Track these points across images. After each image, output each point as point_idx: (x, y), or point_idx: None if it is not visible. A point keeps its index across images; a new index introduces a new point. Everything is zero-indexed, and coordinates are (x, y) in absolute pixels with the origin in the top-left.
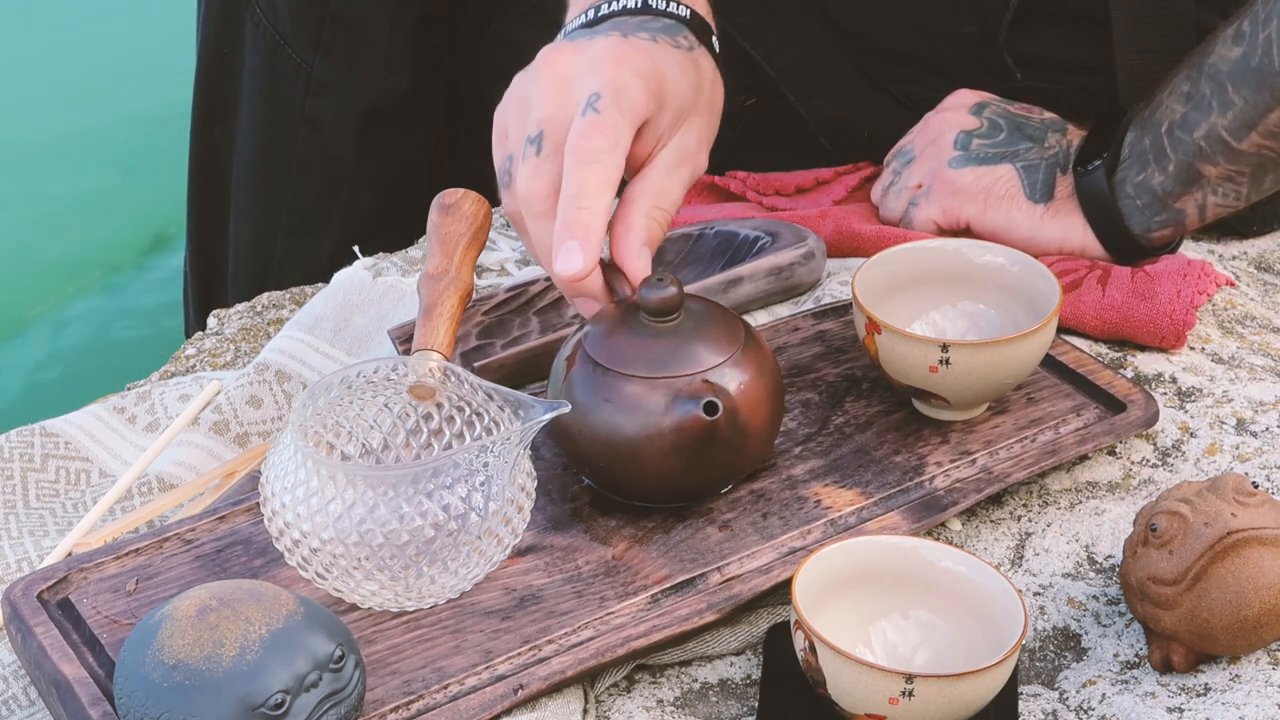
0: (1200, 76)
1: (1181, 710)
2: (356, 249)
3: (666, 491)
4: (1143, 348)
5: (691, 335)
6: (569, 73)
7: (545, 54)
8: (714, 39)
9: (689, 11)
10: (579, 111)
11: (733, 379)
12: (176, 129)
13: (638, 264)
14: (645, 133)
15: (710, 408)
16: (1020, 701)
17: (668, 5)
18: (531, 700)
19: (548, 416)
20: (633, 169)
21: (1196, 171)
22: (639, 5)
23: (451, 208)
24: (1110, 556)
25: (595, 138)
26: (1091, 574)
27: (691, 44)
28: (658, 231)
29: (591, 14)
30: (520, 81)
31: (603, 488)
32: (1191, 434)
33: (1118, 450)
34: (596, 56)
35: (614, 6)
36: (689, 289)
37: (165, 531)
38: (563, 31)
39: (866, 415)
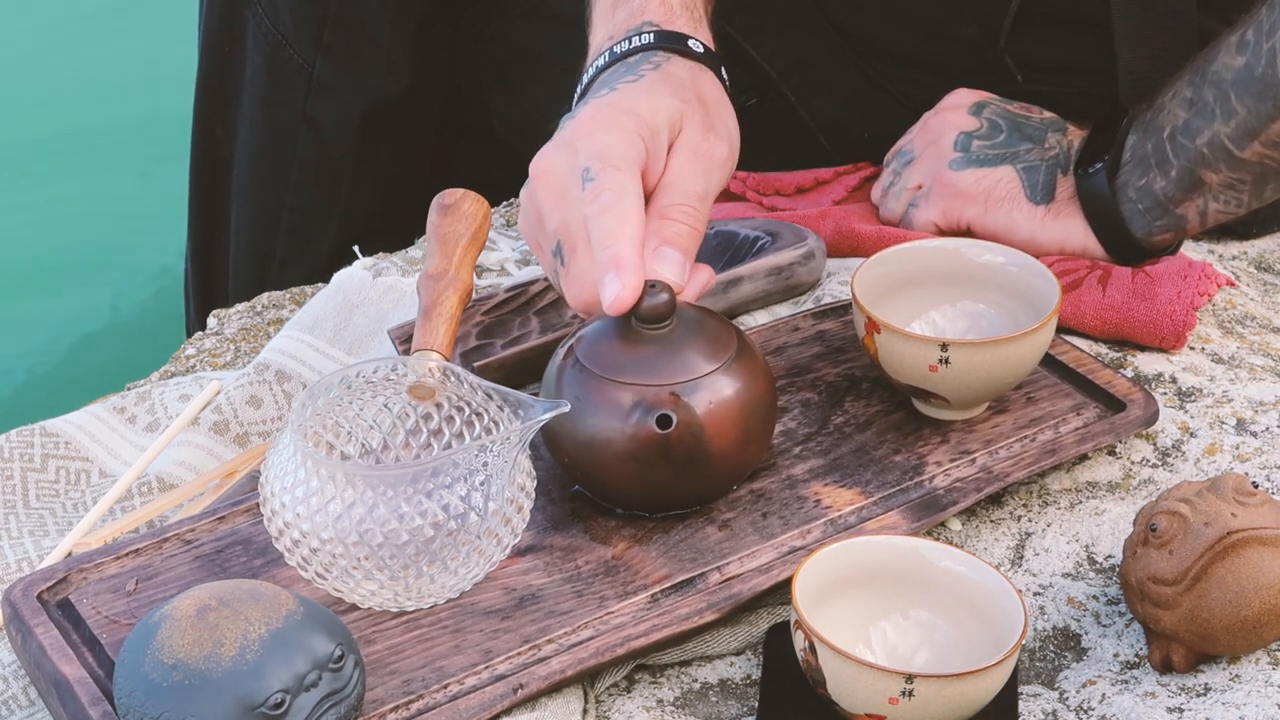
0: (1203, 83)
1: (1181, 710)
2: (356, 249)
3: (628, 499)
4: (1143, 347)
5: (678, 345)
6: (559, 173)
7: (534, 166)
8: (689, 40)
9: (653, 33)
10: (579, 191)
11: (706, 395)
12: (176, 130)
13: (653, 265)
14: (648, 166)
15: (664, 421)
16: (1020, 701)
17: (630, 41)
18: (531, 700)
19: (547, 416)
20: (651, 189)
21: (1198, 178)
22: (607, 60)
23: (451, 208)
24: (1110, 556)
25: (601, 196)
26: (1091, 574)
27: (658, 62)
28: (678, 229)
29: (577, 94)
30: (526, 199)
31: (582, 488)
32: (1191, 434)
33: (1118, 450)
34: (572, 140)
35: (589, 74)
36: None
37: (165, 531)
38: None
39: (866, 415)
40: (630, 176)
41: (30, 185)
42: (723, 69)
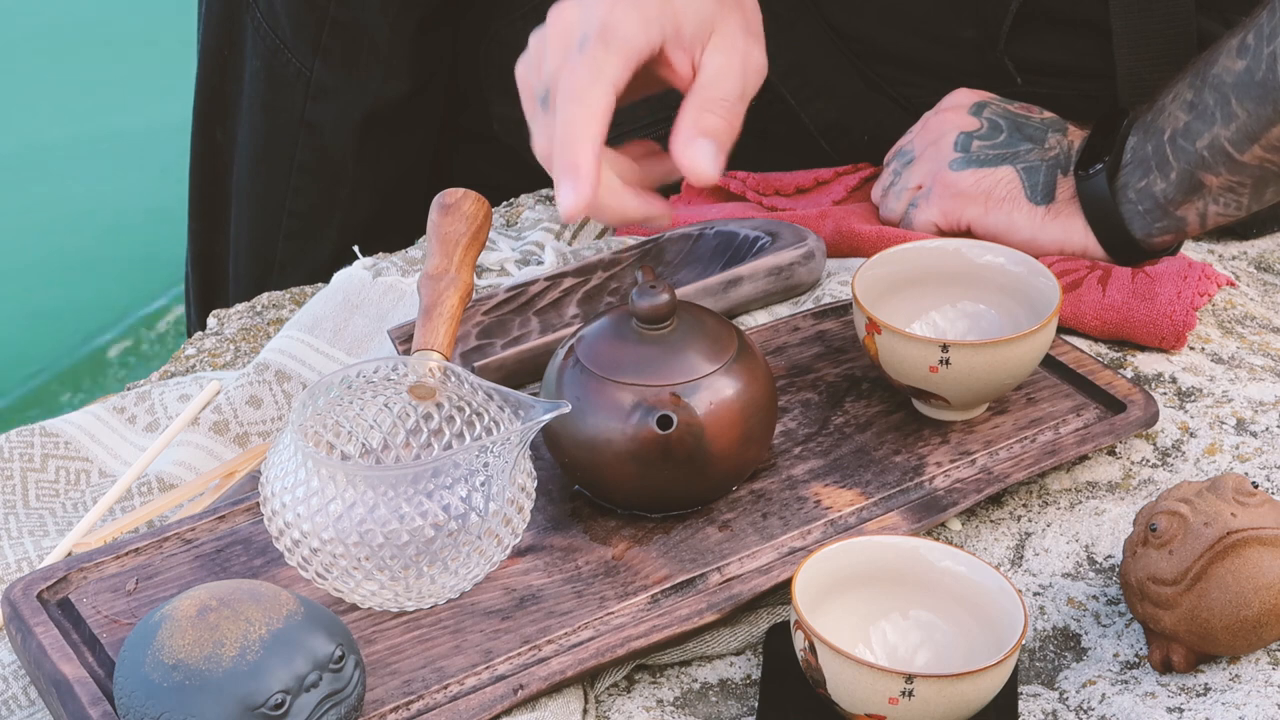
0: (1204, 86)
1: (1181, 710)
2: (356, 249)
3: (628, 499)
4: (1143, 348)
5: (678, 345)
6: (569, 22)
7: (553, 10)
8: None
9: None
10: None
11: (707, 395)
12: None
13: (688, 154)
14: (673, 54)
15: (664, 422)
16: (1020, 701)
17: None
18: (531, 700)
19: (548, 417)
20: (686, 88)
21: (1198, 180)
22: None
23: (451, 207)
24: (1110, 556)
25: (577, 73)
26: (1091, 574)
27: None
28: (716, 122)
29: None
30: (535, 38)
31: (582, 488)
32: (1191, 434)
33: (1118, 450)
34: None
35: None
36: (688, 289)
37: (165, 531)
38: None
39: (866, 415)
40: (618, 61)
41: (31, 185)
42: None
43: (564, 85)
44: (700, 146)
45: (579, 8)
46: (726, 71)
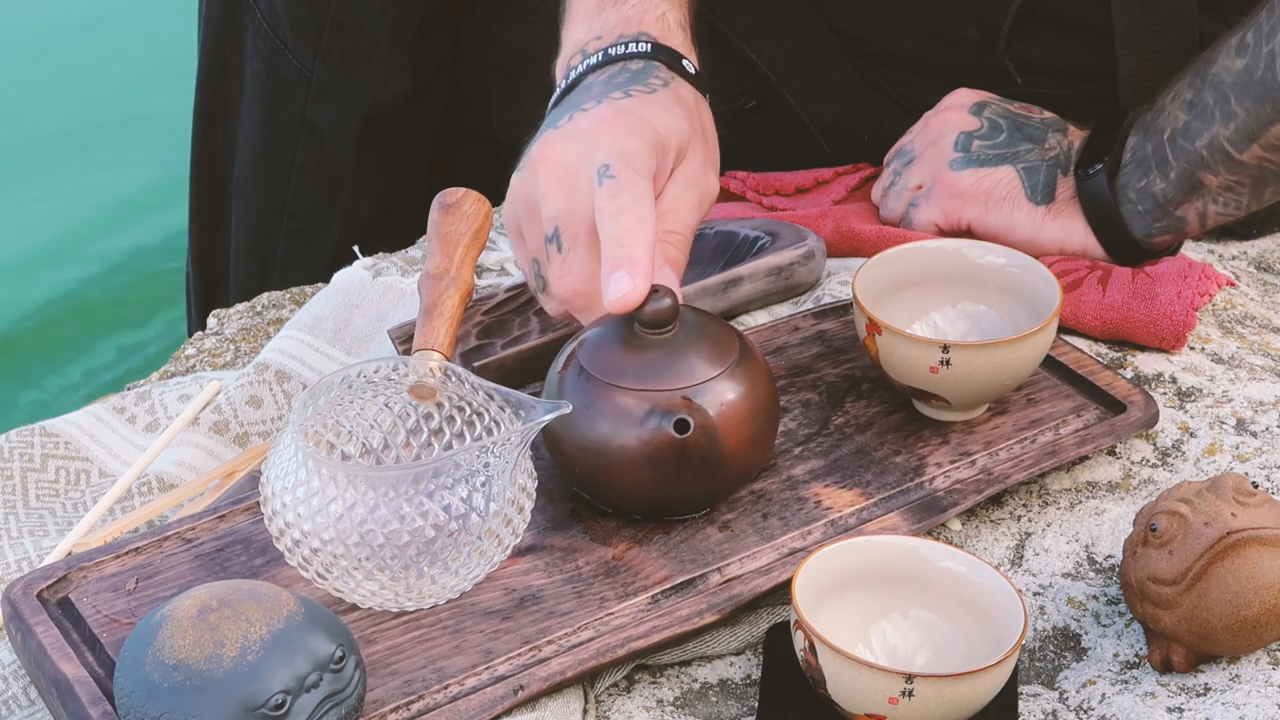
0: (1203, 85)
1: (1181, 710)
2: (356, 249)
3: (638, 505)
4: (1143, 348)
5: (682, 349)
6: (567, 162)
7: (536, 151)
8: (684, 61)
9: (649, 45)
10: (595, 185)
11: (716, 398)
12: (175, 130)
13: (659, 277)
14: (657, 176)
15: (681, 425)
16: (1020, 701)
17: (627, 47)
18: (531, 701)
19: (548, 417)
20: None
21: (1198, 180)
22: (599, 60)
23: (452, 207)
24: (1110, 556)
25: (621, 195)
26: (1091, 574)
27: (665, 78)
28: (673, 253)
29: (561, 86)
30: (521, 183)
31: (586, 494)
32: (1191, 434)
33: (1118, 450)
34: (588, 134)
35: (578, 69)
36: (688, 289)
37: (165, 531)
38: (545, 122)
39: (866, 415)
40: (648, 184)
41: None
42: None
43: (609, 207)
44: (665, 275)
45: (569, 141)
46: (685, 204)
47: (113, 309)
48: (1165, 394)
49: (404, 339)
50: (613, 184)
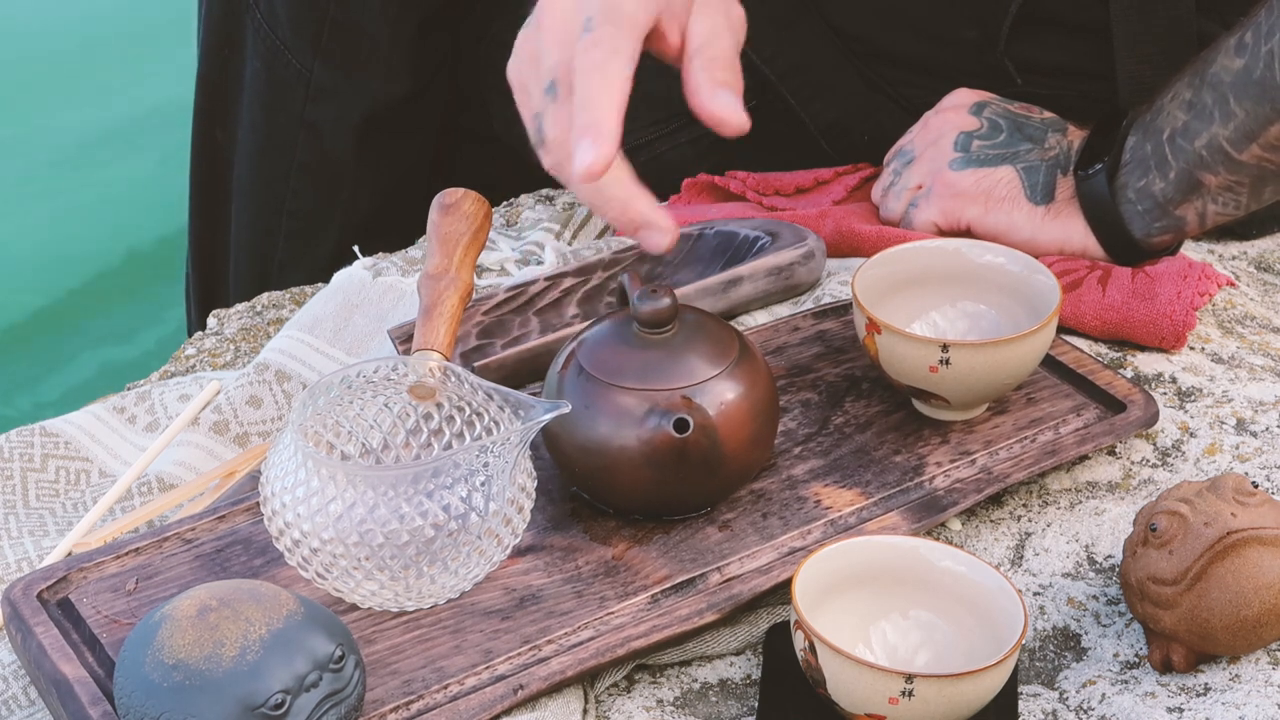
0: (1202, 85)
1: (1181, 710)
2: (356, 249)
3: (638, 504)
4: (1143, 348)
5: (682, 349)
6: (565, 13)
7: (542, 4)
8: None
9: None
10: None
11: (715, 397)
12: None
13: (716, 104)
14: (666, 25)
15: (681, 425)
16: (1020, 701)
17: None
18: (531, 700)
19: (548, 417)
20: (676, 60)
21: (1197, 180)
22: None
23: (452, 207)
24: (1110, 556)
25: (592, 51)
26: (1091, 574)
27: None
28: (726, 76)
29: None
30: (525, 37)
31: (586, 494)
32: (1191, 434)
33: (1118, 450)
34: None
35: None
36: (688, 289)
37: (165, 531)
38: None
39: (866, 415)
40: (628, 37)
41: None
42: None
43: (580, 63)
44: (724, 96)
45: None
46: (716, 31)
47: (113, 309)
48: (1165, 394)
49: (404, 339)
50: (588, 38)
